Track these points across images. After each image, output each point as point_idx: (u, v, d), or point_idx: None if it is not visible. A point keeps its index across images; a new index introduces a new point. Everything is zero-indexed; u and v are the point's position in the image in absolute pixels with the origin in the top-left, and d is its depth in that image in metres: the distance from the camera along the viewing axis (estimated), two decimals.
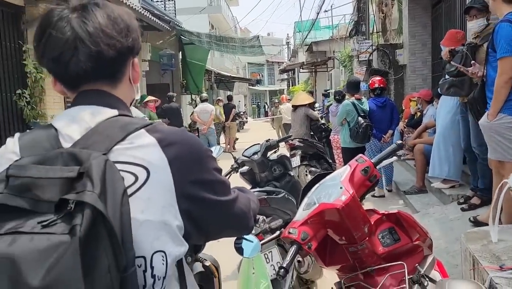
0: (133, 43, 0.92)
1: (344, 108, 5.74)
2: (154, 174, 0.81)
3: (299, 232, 1.39)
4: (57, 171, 0.74)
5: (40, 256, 0.65)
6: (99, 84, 0.90)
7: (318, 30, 24.95)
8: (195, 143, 0.91)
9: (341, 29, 17.40)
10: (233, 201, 0.98)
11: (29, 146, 0.83)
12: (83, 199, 0.68)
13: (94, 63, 0.85)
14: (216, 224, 0.95)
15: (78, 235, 0.66)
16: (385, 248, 1.51)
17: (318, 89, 19.78)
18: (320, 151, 6.49)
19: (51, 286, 0.64)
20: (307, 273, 2.57)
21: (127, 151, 0.81)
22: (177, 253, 0.83)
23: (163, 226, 0.81)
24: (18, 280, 0.64)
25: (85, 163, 0.74)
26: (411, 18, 8.29)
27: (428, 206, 4.81)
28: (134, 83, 0.98)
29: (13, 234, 0.67)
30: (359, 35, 10.08)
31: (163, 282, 0.82)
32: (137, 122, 0.87)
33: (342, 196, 1.43)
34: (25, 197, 0.72)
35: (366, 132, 5.49)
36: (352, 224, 1.44)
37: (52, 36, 0.84)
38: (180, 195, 0.84)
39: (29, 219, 0.69)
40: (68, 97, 0.96)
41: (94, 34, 0.85)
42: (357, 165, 1.53)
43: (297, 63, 25.40)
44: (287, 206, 2.73)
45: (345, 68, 13.38)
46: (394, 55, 8.73)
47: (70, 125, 0.86)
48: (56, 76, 0.90)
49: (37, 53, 0.88)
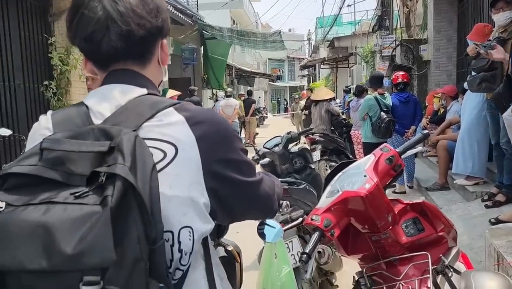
0: (162, 24, 0.93)
1: (367, 103, 5.67)
2: (182, 151, 0.82)
3: (322, 219, 1.39)
4: (89, 146, 0.75)
5: (73, 225, 0.66)
6: (128, 63, 0.92)
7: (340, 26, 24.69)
8: (222, 122, 0.91)
9: (364, 25, 17.18)
10: (258, 182, 0.98)
11: (61, 122, 0.86)
12: (115, 171, 0.70)
13: (125, 43, 0.87)
14: (241, 204, 0.95)
15: (110, 205, 0.67)
16: (409, 238, 1.49)
17: (339, 85, 19.61)
18: (341, 146, 6.44)
19: (84, 254, 0.65)
20: (327, 264, 2.56)
21: (156, 128, 0.83)
22: (204, 230, 0.85)
23: (190, 202, 0.82)
24: (52, 247, 0.65)
25: (116, 138, 0.75)
26: (437, 12, 8.12)
27: (451, 203, 4.72)
28: (162, 64, 1.00)
29: (47, 204, 0.69)
30: (382, 30, 9.93)
31: (189, 258, 0.83)
32: (165, 100, 0.88)
33: (366, 184, 1.42)
34: (58, 170, 0.74)
35: (388, 127, 5.42)
36: (375, 212, 1.43)
37: (85, 15, 0.86)
38: (207, 173, 0.85)
39: (62, 190, 0.71)
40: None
41: (125, 13, 0.86)
42: (382, 154, 1.52)
43: (318, 59, 25.22)
44: (308, 197, 2.73)
45: (367, 64, 13.21)
46: (418, 51, 8.57)
47: (100, 103, 0.88)
48: (88, 56, 0.92)
49: (70, 33, 0.90)
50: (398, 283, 1.44)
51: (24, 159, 0.75)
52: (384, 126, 5.39)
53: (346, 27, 24.85)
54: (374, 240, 1.49)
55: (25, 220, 0.68)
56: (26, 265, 0.66)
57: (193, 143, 0.84)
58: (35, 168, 0.73)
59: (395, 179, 1.56)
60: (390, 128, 5.46)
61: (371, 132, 5.61)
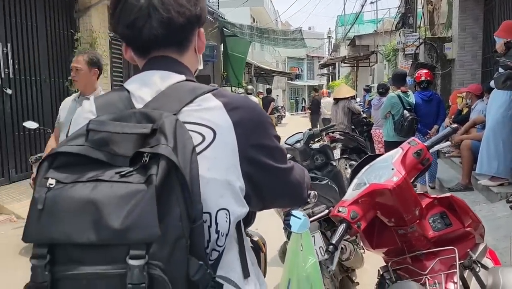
0: (201, 12, 0.95)
1: (389, 101, 5.61)
2: (220, 135, 0.85)
3: (348, 211, 1.39)
4: (132, 128, 0.78)
5: (119, 201, 0.69)
6: (168, 51, 0.94)
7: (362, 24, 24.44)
8: (258, 109, 0.93)
9: (386, 23, 16.98)
10: (290, 170, 1.00)
11: (104, 106, 0.89)
12: (159, 151, 0.72)
13: (165, 30, 0.89)
14: (273, 190, 0.97)
15: (154, 183, 0.70)
16: (436, 232, 1.49)
17: (359, 84, 19.43)
18: (361, 145, 6.38)
19: (130, 229, 0.68)
20: (349, 260, 2.56)
21: (195, 112, 0.85)
22: (239, 213, 0.87)
23: (227, 185, 0.84)
24: (100, 222, 0.68)
25: (157, 121, 0.78)
26: (462, 10, 7.97)
27: (474, 204, 4.65)
28: (198, 52, 1.02)
29: (94, 181, 0.72)
30: (405, 27, 9.81)
31: (225, 239, 0.85)
32: (204, 86, 0.91)
33: (393, 177, 1.42)
34: (103, 150, 0.77)
35: (411, 125, 5.35)
36: (402, 206, 1.43)
37: (128, 3, 0.89)
38: (243, 158, 0.87)
39: (107, 170, 0.74)
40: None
41: (166, 1, 0.89)
42: (410, 147, 1.52)
43: (338, 57, 25.04)
44: (330, 193, 2.73)
45: (389, 62, 13.06)
46: (442, 49, 8.43)
47: (141, 88, 0.90)
48: (129, 42, 0.95)
49: (113, 20, 0.93)
50: (424, 277, 1.44)
51: (72, 139, 0.78)
52: (407, 125, 5.33)
53: (368, 25, 24.58)
54: (401, 234, 1.49)
55: (74, 197, 0.71)
56: (75, 239, 0.69)
57: (230, 128, 0.86)
58: (82, 148, 0.76)
59: (422, 173, 1.55)
60: (413, 127, 5.39)
61: (393, 131, 5.55)
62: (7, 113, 5.95)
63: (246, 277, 0.91)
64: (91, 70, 3.18)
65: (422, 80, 5.68)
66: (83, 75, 3.17)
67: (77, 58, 3.20)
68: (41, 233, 0.71)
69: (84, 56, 3.18)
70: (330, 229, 2.73)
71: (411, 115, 5.37)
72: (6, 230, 4.85)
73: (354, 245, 2.62)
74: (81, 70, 3.16)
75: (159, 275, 0.69)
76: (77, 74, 3.17)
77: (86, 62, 3.15)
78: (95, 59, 3.20)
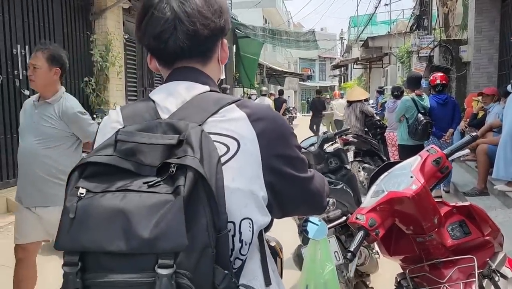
0: (225, 24, 0.97)
1: (404, 104, 5.58)
2: (244, 146, 0.86)
3: (367, 218, 1.39)
4: (159, 138, 0.80)
5: (148, 211, 0.71)
6: (192, 61, 0.96)
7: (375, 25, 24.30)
8: (281, 120, 0.95)
9: (400, 24, 16.86)
10: (311, 179, 1.01)
11: (131, 116, 0.91)
12: (186, 163, 0.74)
13: (190, 41, 0.91)
14: (294, 199, 0.98)
15: (182, 194, 0.71)
16: (454, 240, 1.48)
17: (372, 85, 19.32)
18: (374, 147, 6.36)
19: (159, 238, 0.70)
20: (364, 265, 2.56)
21: (219, 123, 0.87)
22: (262, 222, 0.88)
23: (251, 195, 0.86)
24: (130, 231, 0.70)
25: (183, 132, 0.80)
26: (478, 12, 7.89)
27: (490, 209, 4.59)
28: (221, 63, 1.04)
29: (123, 191, 0.74)
30: (420, 29, 9.72)
31: (248, 248, 0.86)
32: (227, 97, 0.92)
33: (412, 185, 1.42)
34: (131, 160, 0.78)
35: (425, 129, 5.31)
36: (421, 214, 1.42)
37: (154, 15, 0.91)
38: (266, 168, 0.88)
39: (135, 179, 0.76)
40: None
41: (191, 14, 0.90)
42: (428, 155, 1.51)
43: (350, 58, 24.93)
44: (344, 197, 2.73)
45: (402, 64, 12.97)
46: (457, 52, 8.36)
47: (167, 98, 0.92)
48: (154, 53, 0.97)
49: (139, 32, 0.95)
50: (442, 285, 1.44)
51: (101, 149, 0.80)
52: (421, 128, 5.29)
53: (381, 27, 24.44)
54: (419, 242, 1.48)
55: (104, 206, 0.72)
56: (105, 247, 0.71)
57: (254, 139, 0.87)
58: (111, 158, 0.78)
59: (441, 181, 1.55)
60: (427, 131, 5.35)
61: (408, 134, 5.52)
62: None
63: (268, 285, 0.92)
64: (52, 68, 2.57)
65: (437, 83, 5.64)
66: (41, 74, 2.56)
67: (36, 54, 2.59)
68: (72, 241, 0.73)
69: (44, 52, 2.57)
70: (344, 234, 2.73)
71: (425, 118, 5.33)
72: None
73: (369, 250, 2.62)
74: (39, 68, 2.55)
75: (187, 284, 0.70)
76: (34, 73, 2.57)
77: (45, 58, 2.56)
78: (56, 56, 2.60)
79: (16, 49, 5.86)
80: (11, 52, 5.78)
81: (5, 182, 5.76)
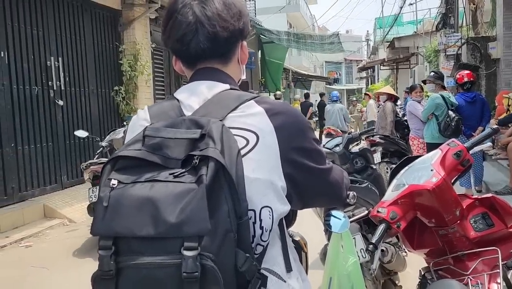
0: (244, 26, 1.03)
1: (433, 102, 5.44)
2: (262, 139, 0.92)
3: (388, 212, 1.42)
4: (183, 133, 0.87)
5: (174, 199, 0.77)
6: (213, 62, 1.03)
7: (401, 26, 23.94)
8: (298, 114, 1.00)
9: (426, 24, 16.57)
10: (329, 170, 1.05)
11: (157, 114, 0.98)
12: (208, 154, 0.80)
13: (211, 43, 0.98)
14: (313, 190, 1.03)
15: (205, 182, 0.77)
16: (478, 233, 1.48)
17: (400, 86, 19.02)
18: (402, 148, 6.25)
19: (184, 223, 0.76)
20: (391, 263, 2.55)
21: (239, 118, 0.93)
22: (281, 211, 0.93)
23: (270, 185, 0.91)
24: (158, 217, 0.77)
25: (205, 126, 0.86)
26: (507, 8, 7.69)
27: None
28: (241, 63, 1.10)
29: (151, 181, 0.81)
30: (446, 28, 9.54)
31: (269, 235, 0.92)
32: (247, 94, 0.98)
33: (433, 178, 1.44)
34: (158, 154, 0.85)
35: (458, 125, 5.20)
36: (442, 206, 1.44)
37: (178, 20, 0.98)
38: (284, 160, 0.94)
39: (161, 171, 0.83)
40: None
41: (212, 17, 0.97)
42: (449, 149, 1.53)
43: (377, 60, 24.64)
44: (370, 196, 2.73)
45: (430, 63, 12.73)
46: (486, 49, 8.16)
47: (190, 97, 0.99)
48: (178, 55, 1.05)
49: (164, 36, 1.03)
50: (467, 277, 1.44)
51: (131, 144, 0.88)
52: (455, 125, 5.19)
53: (407, 27, 24.06)
54: (442, 234, 1.50)
55: (134, 195, 0.79)
56: (136, 232, 0.78)
57: (272, 132, 0.93)
58: (140, 152, 0.85)
59: (463, 174, 1.55)
60: (459, 127, 5.24)
61: (438, 132, 5.39)
62: (59, 123, 6.32)
63: (289, 271, 0.97)
64: None
65: (465, 81, 5.52)
66: None
67: None
68: (106, 227, 0.80)
69: None
70: (371, 232, 2.73)
71: (456, 115, 5.23)
72: (60, 233, 5.14)
73: (396, 248, 2.61)
74: None
75: (211, 265, 0.76)
76: None
77: None
78: None
79: (50, 61, 6.14)
80: (46, 64, 6.07)
81: (42, 188, 6.02)
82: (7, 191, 5.43)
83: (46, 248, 4.66)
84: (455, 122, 5.18)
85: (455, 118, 5.18)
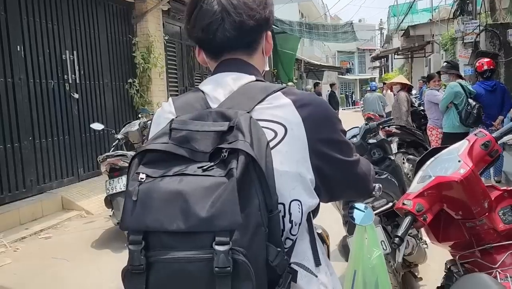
0: (269, 15, 1.01)
1: (452, 90, 5.32)
2: (290, 131, 0.89)
3: (414, 204, 1.39)
4: (210, 126, 0.85)
5: (204, 192, 0.76)
6: (238, 53, 1.01)
7: (415, 13, 23.53)
8: (325, 105, 0.97)
9: (442, 11, 16.24)
10: (357, 162, 1.03)
11: (183, 107, 0.96)
12: (238, 147, 0.78)
13: (237, 32, 0.96)
14: (341, 182, 1.01)
15: (235, 176, 0.76)
16: (507, 225, 1.44)
17: (414, 75, 18.76)
18: (419, 138, 6.18)
19: (215, 217, 0.74)
20: (411, 255, 2.53)
21: (267, 110, 0.91)
22: (310, 204, 0.91)
23: (299, 177, 0.89)
24: (188, 211, 0.75)
25: (233, 119, 0.84)
26: None
27: None
28: (266, 54, 1.07)
29: (180, 175, 0.79)
30: (464, 15, 9.33)
31: (298, 228, 0.90)
32: (273, 85, 0.96)
33: (460, 169, 1.40)
34: (185, 147, 0.84)
35: (479, 113, 5.09)
36: (470, 198, 1.40)
37: (203, 8, 0.96)
38: (312, 152, 0.91)
39: (189, 165, 0.81)
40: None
41: (238, 6, 0.95)
42: (477, 139, 1.48)
43: (391, 49, 24.29)
44: (389, 187, 2.69)
45: (446, 52, 12.50)
46: (506, 36, 7.95)
47: (216, 89, 0.97)
48: (202, 45, 1.02)
49: (189, 25, 1.00)
50: (495, 270, 1.41)
51: (157, 138, 0.86)
52: (476, 113, 5.09)
53: (422, 14, 23.63)
54: (469, 227, 1.46)
55: (163, 188, 0.78)
56: (167, 227, 0.76)
57: (300, 124, 0.91)
58: (167, 145, 0.84)
59: (491, 165, 1.51)
60: (480, 115, 5.13)
61: (459, 121, 5.29)
62: (75, 116, 6.37)
63: (318, 265, 0.95)
64: None
65: (485, 69, 5.39)
66: None
67: None
68: (136, 222, 0.79)
69: None
70: (390, 224, 2.70)
71: (477, 103, 5.12)
72: (78, 225, 5.21)
73: (417, 240, 2.58)
74: None
75: (242, 259, 0.75)
76: None
77: None
78: None
79: (65, 55, 6.18)
80: (61, 58, 6.11)
81: (60, 181, 6.10)
82: (26, 184, 5.51)
83: (65, 239, 4.73)
84: (476, 110, 5.07)
85: (476, 106, 5.07)
